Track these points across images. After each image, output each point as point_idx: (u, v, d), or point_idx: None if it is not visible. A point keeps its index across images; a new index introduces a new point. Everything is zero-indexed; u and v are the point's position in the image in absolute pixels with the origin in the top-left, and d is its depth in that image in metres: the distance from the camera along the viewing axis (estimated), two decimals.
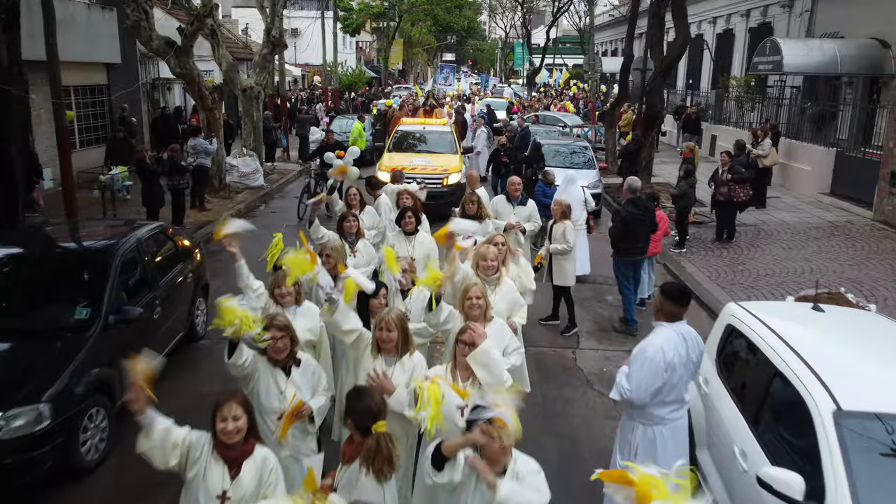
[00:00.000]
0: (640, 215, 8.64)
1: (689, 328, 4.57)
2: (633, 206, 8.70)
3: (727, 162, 11.82)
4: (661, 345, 4.39)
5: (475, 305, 4.79)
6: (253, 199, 16.47)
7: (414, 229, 6.96)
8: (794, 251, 11.89)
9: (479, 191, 9.10)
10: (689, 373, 4.50)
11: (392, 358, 4.23)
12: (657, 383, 4.33)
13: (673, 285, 4.75)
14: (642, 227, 8.60)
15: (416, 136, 15.82)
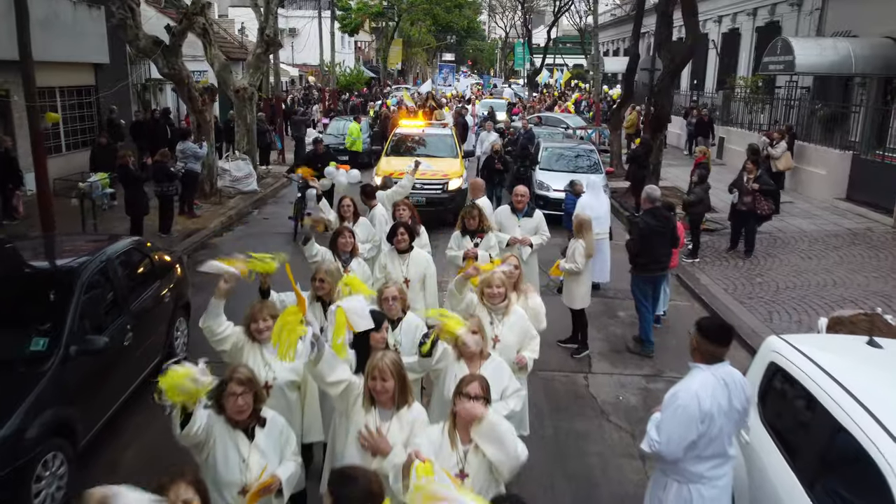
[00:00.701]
0: (660, 227, 8.00)
1: (733, 371, 3.95)
2: (652, 217, 8.05)
3: (753, 170, 11.11)
4: (696, 391, 3.79)
5: (470, 342, 4.19)
6: (245, 204, 15.84)
7: (408, 247, 6.32)
8: (815, 261, 11.26)
9: (480, 201, 8.48)
10: (732, 423, 3.87)
11: (388, 411, 3.58)
12: (691, 436, 3.76)
13: (710, 321, 4.12)
14: (662, 239, 7.96)
15: (415, 139, 15.17)
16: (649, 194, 8.27)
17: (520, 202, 8.02)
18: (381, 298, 4.93)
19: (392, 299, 4.85)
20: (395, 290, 4.89)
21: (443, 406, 4.23)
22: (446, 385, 4.20)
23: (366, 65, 59.85)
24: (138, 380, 6.38)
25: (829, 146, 16.35)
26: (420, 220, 7.52)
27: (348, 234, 6.23)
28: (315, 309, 5.19)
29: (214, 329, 4.35)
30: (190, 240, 12.76)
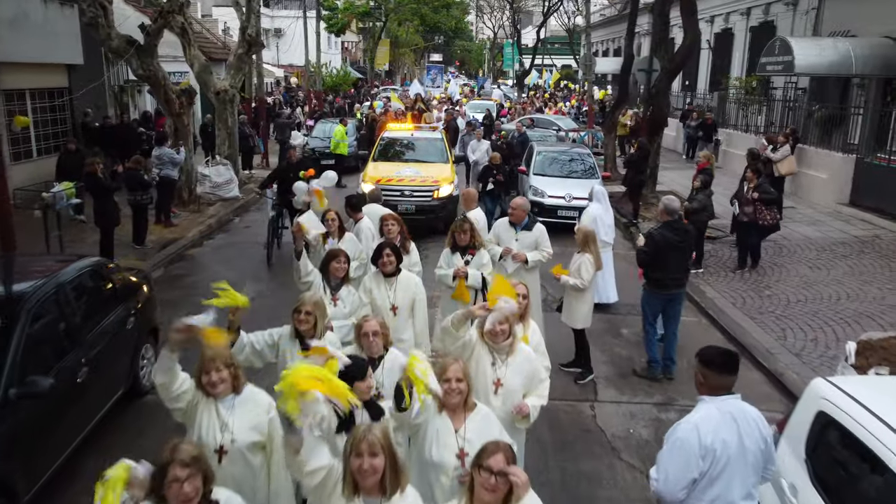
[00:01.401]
0: (678, 241, 7.38)
1: (744, 406, 3.58)
2: (671, 231, 7.41)
3: (753, 179, 10.53)
4: (696, 423, 3.49)
5: (454, 391, 3.55)
6: (226, 212, 15.13)
7: (395, 270, 5.68)
8: (824, 272, 10.73)
9: (473, 214, 7.87)
10: (747, 465, 3.47)
11: (374, 499, 2.91)
12: (692, 474, 3.42)
13: (712, 351, 3.72)
14: (678, 254, 7.36)
15: (404, 143, 14.53)
16: (667, 206, 7.58)
17: (513, 214, 7.40)
18: (359, 334, 4.32)
19: (373, 335, 4.24)
20: (375, 324, 4.27)
21: (422, 469, 3.61)
22: (427, 443, 3.58)
23: (353, 65, 59.07)
24: (96, 419, 5.70)
25: (829, 149, 15.88)
26: (410, 236, 6.90)
27: (343, 258, 5.58)
28: (292, 346, 4.55)
29: (169, 386, 3.69)
30: (166, 251, 12.06)
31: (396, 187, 12.64)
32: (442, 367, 3.58)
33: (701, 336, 8.72)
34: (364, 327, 4.29)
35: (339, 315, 5.56)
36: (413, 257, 6.83)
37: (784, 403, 7.00)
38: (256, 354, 4.61)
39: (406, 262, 6.63)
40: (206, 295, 4.51)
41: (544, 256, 7.17)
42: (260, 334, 4.66)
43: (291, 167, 11.46)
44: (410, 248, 6.85)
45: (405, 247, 6.77)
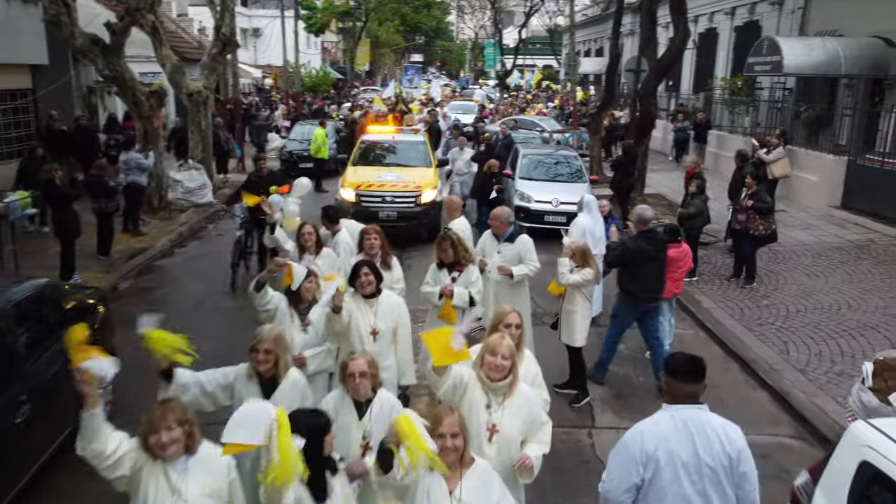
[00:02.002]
0: (653, 251, 7.02)
1: (705, 416, 3.33)
2: (645, 241, 7.06)
3: (752, 185, 10.04)
4: (641, 430, 3.37)
5: (449, 448, 3.07)
6: (199, 218, 14.47)
7: (375, 290, 5.14)
8: (822, 279, 10.35)
9: (457, 224, 7.35)
10: (703, 479, 3.22)
11: None
12: (631, 479, 3.29)
13: (678, 357, 3.54)
14: (653, 266, 6.98)
15: (384, 146, 13.97)
16: (641, 215, 7.25)
17: (493, 225, 6.88)
18: (344, 374, 3.78)
19: (359, 376, 3.71)
20: (362, 363, 3.73)
21: None
22: None
23: (333, 66, 58.34)
24: (40, 461, 5.10)
25: (819, 150, 15.58)
26: (391, 250, 6.36)
27: (314, 278, 5.05)
28: (249, 387, 3.99)
29: (100, 452, 3.12)
30: (133, 262, 11.41)
31: (377, 193, 12.09)
32: (435, 420, 3.07)
33: (699, 350, 8.20)
34: (350, 367, 3.76)
35: (312, 342, 5.02)
36: (395, 273, 6.31)
37: (793, 426, 6.57)
38: (207, 397, 4.04)
39: (387, 279, 6.10)
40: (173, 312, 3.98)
41: (531, 270, 6.66)
42: (212, 373, 4.10)
43: (262, 180, 10.26)
44: (392, 263, 6.33)
45: (387, 262, 6.26)
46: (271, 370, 3.89)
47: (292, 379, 4.01)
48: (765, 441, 6.15)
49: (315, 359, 4.99)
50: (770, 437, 6.29)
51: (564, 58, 26.73)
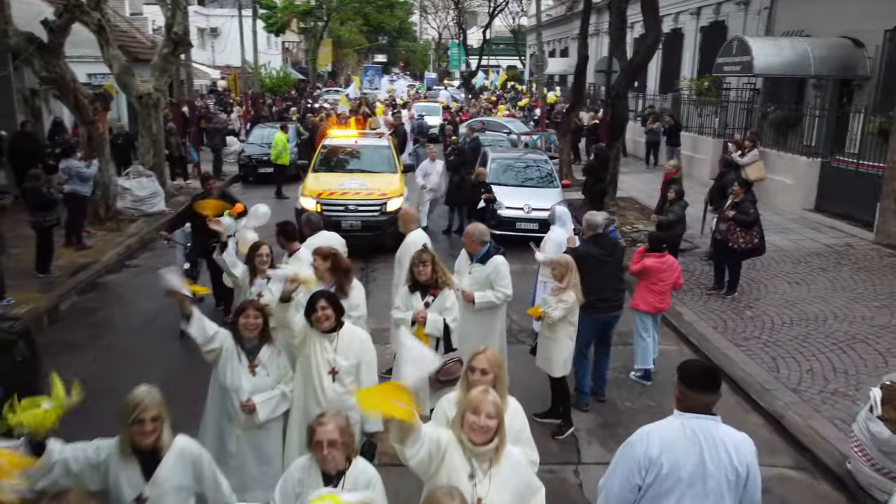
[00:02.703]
0: (605, 254, 6.64)
1: (715, 427, 3.19)
2: (595, 244, 6.69)
3: (739, 193, 9.50)
4: (648, 432, 3.25)
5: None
6: (150, 228, 13.58)
7: (335, 325, 4.50)
8: (804, 287, 10.00)
9: (414, 236, 6.79)
10: (706, 491, 3.09)
11: None
12: (632, 480, 3.17)
13: (691, 365, 3.42)
14: (607, 271, 6.57)
15: (347, 151, 13.28)
16: (589, 221, 6.88)
17: (465, 243, 6.31)
18: (311, 440, 3.15)
19: (328, 445, 3.08)
20: (332, 430, 3.10)
21: None
22: None
23: (294, 66, 57.22)
24: None
25: (792, 153, 15.36)
26: (351, 270, 5.71)
27: (255, 312, 4.37)
28: (127, 468, 3.25)
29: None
30: (76, 279, 10.54)
31: (339, 201, 11.41)
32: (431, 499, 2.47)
33: None
34: (317, 433, 3.13)
35: (263, 386, 4.37)
36: (353, 299, 5.66)
37: (791, 455, 6.12)
38: (70, 478, 3.21)
39: (345, 304, 5.48)
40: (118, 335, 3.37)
41: (497, 298, 6.04)
42: (82, 449, 3.30)
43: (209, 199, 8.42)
44: (353, 287, 5.68)
45: (343, 287, 5.60)
46: (154, 444, 3.20)
47: (179, 448, 3.31)
48: (764, 473, 5.58)
49: (266, 405, 4.34)
50: (769, 469, 5.79)
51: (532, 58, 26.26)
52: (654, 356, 7.55)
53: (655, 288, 7.47)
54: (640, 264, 7.63)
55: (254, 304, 4.47)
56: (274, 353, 4.44)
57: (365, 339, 4.59)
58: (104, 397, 6.65)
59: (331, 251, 5.60)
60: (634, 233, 13.03)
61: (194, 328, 4.30)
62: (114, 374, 7.26)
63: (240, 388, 4.28)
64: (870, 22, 15.53)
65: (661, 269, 7.46)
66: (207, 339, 4.32)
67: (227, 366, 4.32)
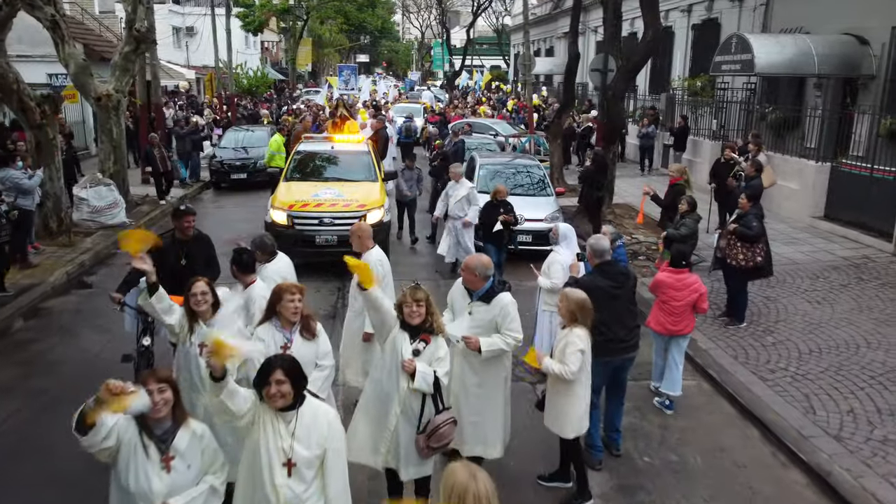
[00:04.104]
0: (614, 287, 5.63)
1: None
2: (602, 275, 5.69)
3: (746, 206, 8.44)
4: None
5: None
6: (107, 243, 12.41)
7: (293, 402, 3.42)
8: (827, 308, 9.07)
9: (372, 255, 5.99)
10: None
11: None
12: None
13: None
14: (617, 307, 5.60)
15: (323, 158, 12.18)
16: (595, 247, 5.85)
17: (465, 277, 5.18)
18: None
19: None
20: None
21: None
22: None
23: (274, 66, 55.86)
24: None
25: (796, 156, 14.49)
26: (314, 317, 4.68)
27: (156, 386, 3.24)
28: None
29: None
30: (17, 302, 9.40)
31: (314, 214, 10.33)
32: None
33: (705, 407, 6.86)
34: None
35: (182, 484, 3.30)
36: (322, 345, 4.66)
37: None
38: None
39: (309, 352, 4.46)
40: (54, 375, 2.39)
41: (507, 344, 4.99)
42: None
43: (183, 245, 6.35)
44: (316, 330, 4.65)
45: (309, 328, 4.60)
46: None
47: None
48: None
49: None
50: None
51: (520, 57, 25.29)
52: (674, 390, 6.66)
53: (667, 307, 6.60)
54: (653, 278, 6.75)
55: (156, 376, 3.35)
56: (195, 437, 3.35)
57: (332, 419, 3.50)
58: (27, 459, 5.55)
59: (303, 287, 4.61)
60: (635, 244, 12.08)
61: (88, 439, 3.21)
62: (41, 428, 6.16)
63: (150, 491, 3.19)
64: (874, 18, 14.74)
65: (675, 286, 6.59)
66: (99, 438, 3.19)
67: (130, 464, 3.23)
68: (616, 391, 5.88)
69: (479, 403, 5.17)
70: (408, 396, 4.43)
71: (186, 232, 6.39)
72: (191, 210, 6.53)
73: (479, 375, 5.12)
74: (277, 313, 4.54)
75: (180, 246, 6.31)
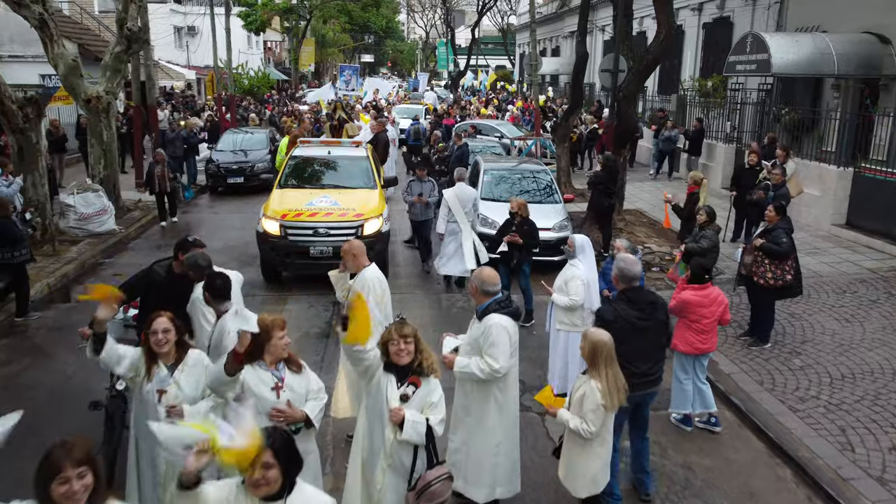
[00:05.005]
0: (642, 319, 5.01)
1: None
2: (629, 304, 5.05)
3: (774, 218, 7.78)
4: None
5: None
6: (94, 252, 11.88)
7: (279, 491, 2.73)
8: (857, 326, 8.44)
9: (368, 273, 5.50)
10: None
11: None
12: None
13: None
14: (645, 340, 5.00)
15: (319, 163, 11.58)
16: (625, 270, 5.16)
17: (469, 291, 4.84)
18: None
19: None
20: None
21: None
22: None
23: (277, 66, 55.33)
24: None
25: (815, 160, 13.84)
26: (299, 363, 4.09)
27: (73, 469, 2.55)
28: None
29: None
30: None
31: (308, 224, 9.73)
32: None
33: (731, 443, 6.23)
34: None
35: None
36: (311, 381, 4.08)
37: None
38: None
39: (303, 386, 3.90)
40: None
41: (482, 371, 4.47)
42: None
43: (175, 285, 5.45)
44: (300, 362, 4.08)
45: (295, 361, 4.04)
46: None
47: None
48: None
49: None
50: None
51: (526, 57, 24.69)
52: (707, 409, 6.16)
53: (697, 326, 6.10)
54: (677, 299, 6.18)
55: (73, 457, 2.53)
56: None
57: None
58: None
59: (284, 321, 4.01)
60: (647, 254, 11.45)
61: None
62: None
63: None
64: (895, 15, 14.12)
65: (704, 303, 6.11)
66: None
67: None
68: (638, 427, 5.30)
69: (464, 432, 4.72)
70: (396, 449, 3.86)
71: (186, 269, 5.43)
72: (199, 243, 5.80)
73: (468, 398, 4.65)
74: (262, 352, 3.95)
75: (176, 281, 5.50)
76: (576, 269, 6.48)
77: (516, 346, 4.69)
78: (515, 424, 4.88)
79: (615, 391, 4.22)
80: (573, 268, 6.51)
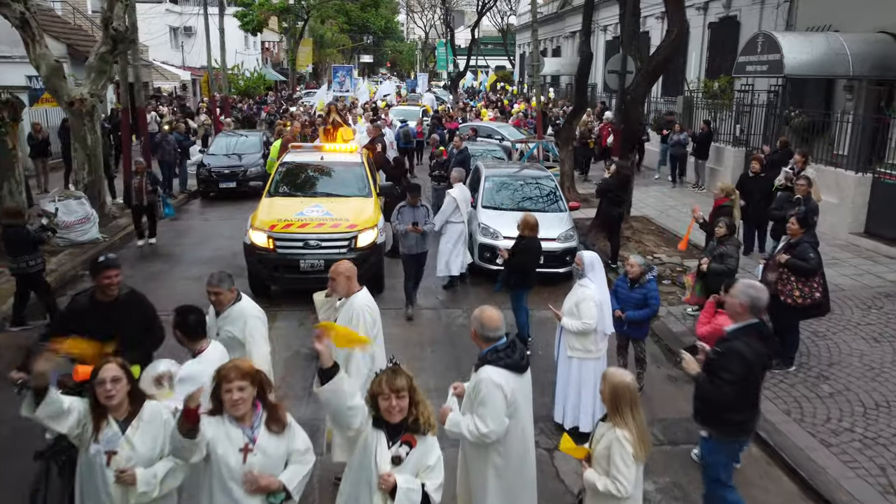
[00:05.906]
0: (769, 356, 4.54)
1: None
2: (758, 340, 4.36)
3: (797, 232, 7.19)
4: None
5: None
6: (74, 263, 11.28)
7: None
8: (887, 346, 7.86)
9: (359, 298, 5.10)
10: None
11: None
12: None
13: None
14: (760, 379, 4.53)
15: (310, 170, 10.99)
16: (756, 300, 4.34)
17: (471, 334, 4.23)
18: None
19: None
20: None
21: None
22: None
23: (275, 67, 54.79)
24: None
25: (829, 165, 13.27)
26: (283, 405, 3.52)
27: None
28: None
29: None
30: None
31: (297, 236, 9.13)
32: None
33: (760, 483, 5.65)
34: None
35: None
36: (298, 441, 3.49)
37: None
38: None
39: (279, 450, 3.32)
40: None
41: (471, 433, 3.90)
42: None
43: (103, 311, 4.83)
44: (287, 420, 3.50)
45: (277, 418, 3.44)
46: None
47: None
48: None
49: None
50: None
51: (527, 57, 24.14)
52: None
53: None
54: (712, 325, 5.63)
55: None
56: None
57: None
58: None
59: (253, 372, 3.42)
60: (657, 264, 10.86)
61: None
62: None
63: None
64: None
65: None
66: None
67: None
68: None
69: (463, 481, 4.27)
70: None
71: (108, 291, 4.83)
72: (113, 262, 4.94)
73: (465, 451, 4.13)
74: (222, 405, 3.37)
75: (104, 310, 4.77)
76: (586, 289, 5.90)
77: (520, 405, 4.04)
78: (525, 489, 4.28)
79: (644, 440, 3.65)
80: (584, 288, 5.93)
